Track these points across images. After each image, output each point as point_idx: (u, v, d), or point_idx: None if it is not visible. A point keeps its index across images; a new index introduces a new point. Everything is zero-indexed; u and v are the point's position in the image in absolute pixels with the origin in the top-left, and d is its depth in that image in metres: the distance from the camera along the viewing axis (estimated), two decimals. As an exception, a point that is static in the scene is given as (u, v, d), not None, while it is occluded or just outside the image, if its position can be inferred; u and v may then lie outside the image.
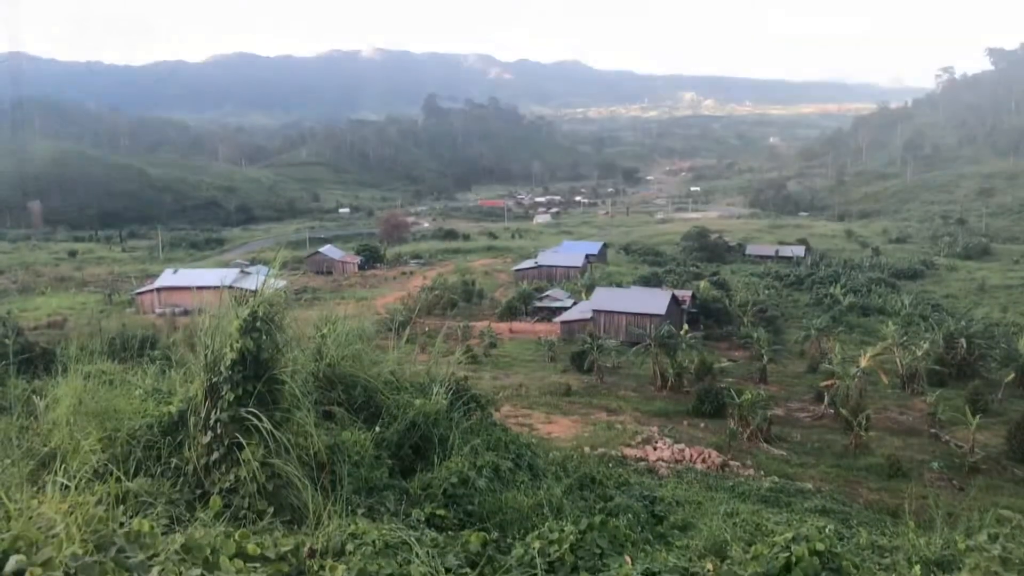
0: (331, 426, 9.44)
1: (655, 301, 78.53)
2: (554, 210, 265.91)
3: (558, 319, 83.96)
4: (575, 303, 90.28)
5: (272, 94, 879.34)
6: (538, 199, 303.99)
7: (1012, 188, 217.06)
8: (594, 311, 79.13)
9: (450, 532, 7.42)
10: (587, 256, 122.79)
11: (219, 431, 7.78)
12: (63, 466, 7.12)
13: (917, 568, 6.59)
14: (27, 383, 13.93)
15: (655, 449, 41.48)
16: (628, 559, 6.71)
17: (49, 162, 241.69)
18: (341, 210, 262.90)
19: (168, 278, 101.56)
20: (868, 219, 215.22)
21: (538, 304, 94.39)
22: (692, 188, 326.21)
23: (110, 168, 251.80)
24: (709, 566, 6.32)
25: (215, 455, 7.76)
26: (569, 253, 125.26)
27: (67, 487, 6.25)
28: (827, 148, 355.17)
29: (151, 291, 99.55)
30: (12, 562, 4.21)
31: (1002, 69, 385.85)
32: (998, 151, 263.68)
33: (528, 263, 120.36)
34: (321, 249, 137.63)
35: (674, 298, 79.94)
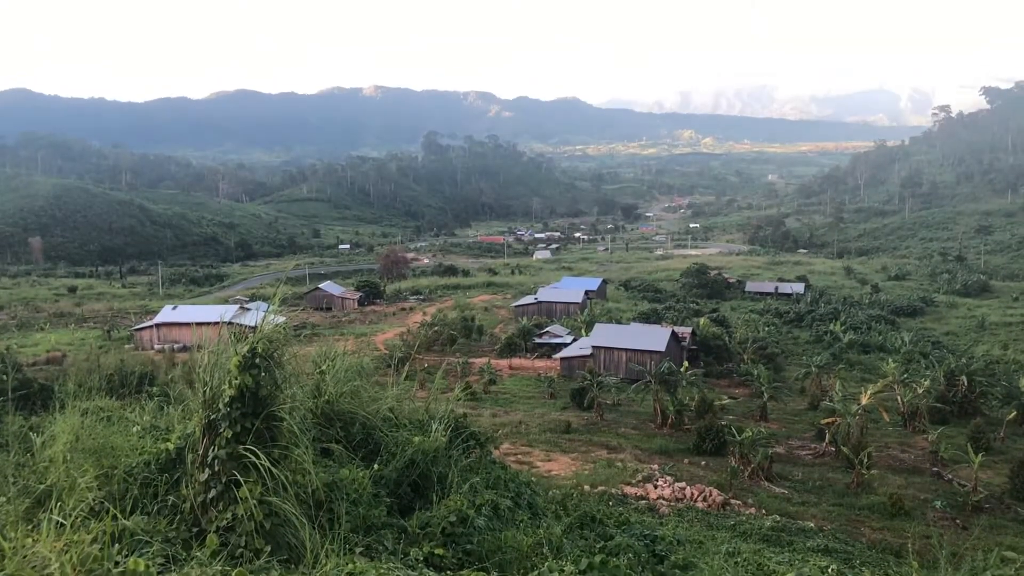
0: (329, 463, 9.37)
1: (655, 338, 78.40)
2: (554, 246, 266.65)
3: (558, 355, 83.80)
4: (575, 339, 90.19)
5: (274, 131, 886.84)
6: (538, 235, 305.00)
7: (1010, 225, 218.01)
8: (594, 347, 78.99)
9: (449, 572, 7.34)
10: (587, 292, 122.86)
11: (217, 468, 7.73)
12: (59, 504, 7.07)
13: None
14: (24, 419, 13.86)
15: (656, 487, 41.16)
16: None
17: (51, 198, 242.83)
18: (341, 246, 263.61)
19: (167, 314, 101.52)
20: (867, 256, 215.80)
21: (538, 340, 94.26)
22: (691, 224, 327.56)
23: (111, 204, 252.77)
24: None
25: (212, 492, 7.69)
26: (569, 289, 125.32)
27: (62, 525, 6.20)
28: (825, 185, 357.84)
29: (150, 327, 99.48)
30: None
31: (997, 108, 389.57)
32: (995, 189, 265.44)
33: (528, 299, 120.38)
34: (321, 285, 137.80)
35: (674, 335, 79.84)
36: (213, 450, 7.81)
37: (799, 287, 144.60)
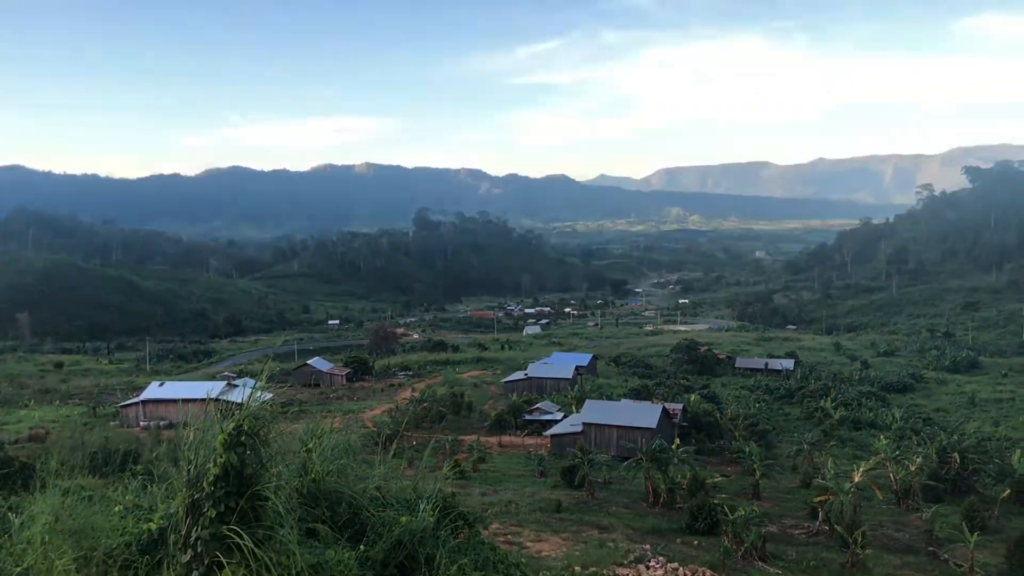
0: (315, 544, 9.20)
1: (646, 414, 77.93)
2: (544, 321, 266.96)
3: (548, 432, 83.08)
4: (565, 416, 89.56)
5: (266, 207, 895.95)
6: (528, 310, 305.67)
7: (996, 302, 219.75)
8: (585, 424, 78.40)
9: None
10: (577, 368, 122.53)
11: (199, 549, 7.57)
12: (35, 587, 6.90)
13: None
14: (3, 499, 13.60)
15: (648, 568, 40.38)
16: None
17: (40, 274, 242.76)
18: (330, 321, 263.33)
19: (154, 390, 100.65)
20: (856, 332, 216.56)
21: (528, 417, 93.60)
22: (680, 300, 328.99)
23: (101, 280, 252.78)
24: None
25: (194, 575, 7.53)
26: (559, 365, 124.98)
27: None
28: (812, 262, 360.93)
29: (136, 403, 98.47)
30: None
31: (979, 187, 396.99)
32: (980, 266, 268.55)
33: (518, 375, 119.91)
34: (309, 361, 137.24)
35: (665, 411, 79.41)
36: (196, 530, 7.67)
37: (789, 363, 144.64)
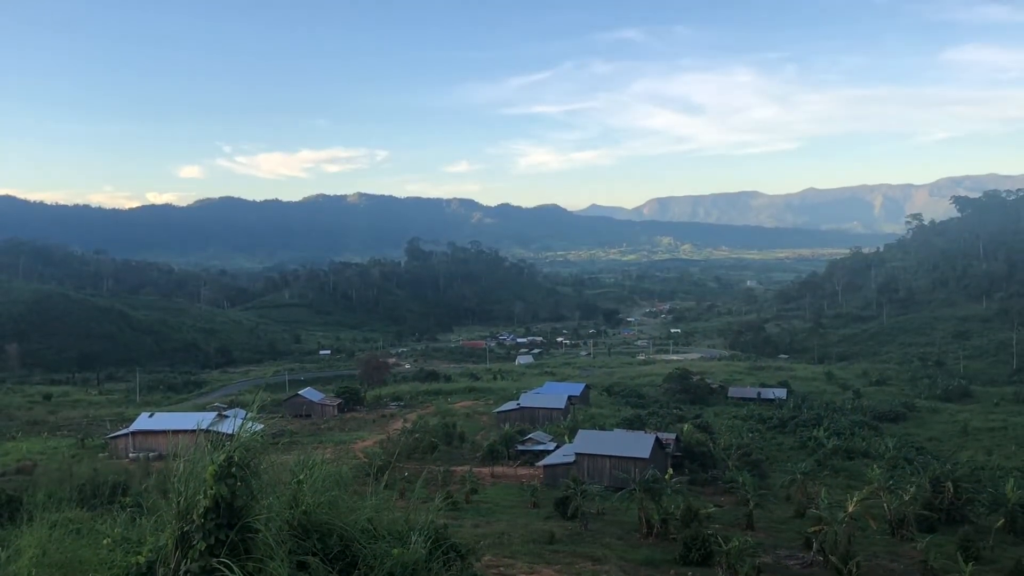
0: (305, 578, 9.09)
1: (639, 444, 77.70)
2: (536, 351, 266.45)
3: (541, 463, 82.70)
4: (558, 446, 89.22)
5: (257, 237, 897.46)
6: (520, 340, 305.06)
7: (987, 331, 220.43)
8: (577, 454, 78.06)
9: None
10: (570, 397, 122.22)
11: (188, 583, 7.49)
12: (21, 623, 6.80)
13: None
14: (-11, 532, 13.44)
15: (642, 600, 40.04)
16: None
17: (30, 304, 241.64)
18: (322, 352, 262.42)
19: (143, 422, 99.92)
20: (847, 361, 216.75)
21: (520, 447, 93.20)
22: (672, 329, 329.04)
23: (91, 310, 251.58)
24: None
25: (183, 609, 7.43)
26: (551, 394, 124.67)
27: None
28: (804, 291, 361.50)
29: (126, 435, 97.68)
30: None
31: (967, 216, 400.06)
32: (970, 295, 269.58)
33: (510, 405, 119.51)
34: (300, 392, 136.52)
35: (658, 441, 79.20)
36: (185, 563, 7.59)
37: (781, 392, 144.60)
